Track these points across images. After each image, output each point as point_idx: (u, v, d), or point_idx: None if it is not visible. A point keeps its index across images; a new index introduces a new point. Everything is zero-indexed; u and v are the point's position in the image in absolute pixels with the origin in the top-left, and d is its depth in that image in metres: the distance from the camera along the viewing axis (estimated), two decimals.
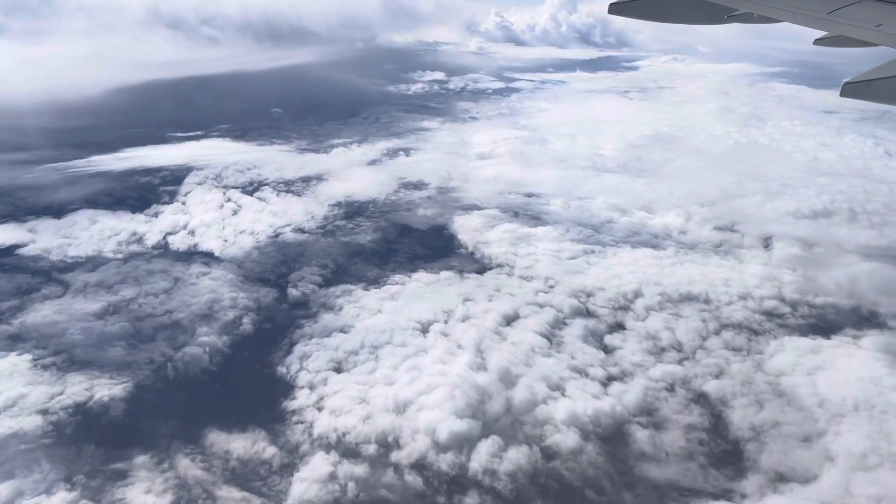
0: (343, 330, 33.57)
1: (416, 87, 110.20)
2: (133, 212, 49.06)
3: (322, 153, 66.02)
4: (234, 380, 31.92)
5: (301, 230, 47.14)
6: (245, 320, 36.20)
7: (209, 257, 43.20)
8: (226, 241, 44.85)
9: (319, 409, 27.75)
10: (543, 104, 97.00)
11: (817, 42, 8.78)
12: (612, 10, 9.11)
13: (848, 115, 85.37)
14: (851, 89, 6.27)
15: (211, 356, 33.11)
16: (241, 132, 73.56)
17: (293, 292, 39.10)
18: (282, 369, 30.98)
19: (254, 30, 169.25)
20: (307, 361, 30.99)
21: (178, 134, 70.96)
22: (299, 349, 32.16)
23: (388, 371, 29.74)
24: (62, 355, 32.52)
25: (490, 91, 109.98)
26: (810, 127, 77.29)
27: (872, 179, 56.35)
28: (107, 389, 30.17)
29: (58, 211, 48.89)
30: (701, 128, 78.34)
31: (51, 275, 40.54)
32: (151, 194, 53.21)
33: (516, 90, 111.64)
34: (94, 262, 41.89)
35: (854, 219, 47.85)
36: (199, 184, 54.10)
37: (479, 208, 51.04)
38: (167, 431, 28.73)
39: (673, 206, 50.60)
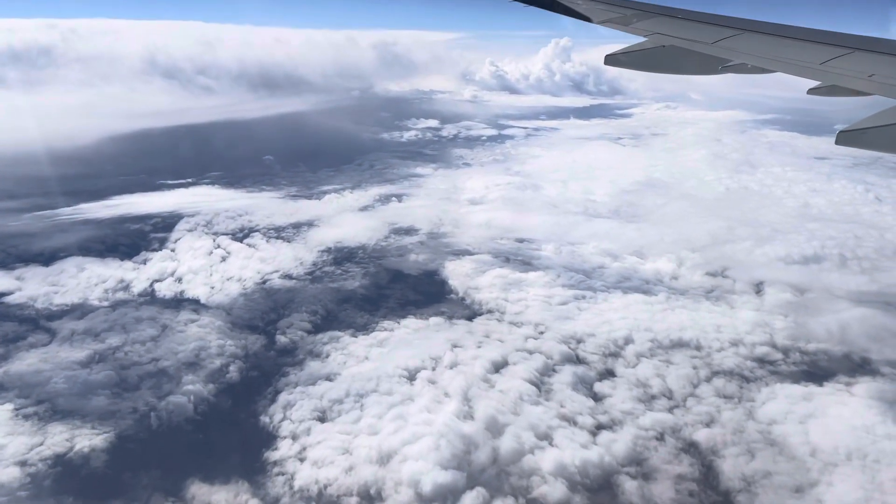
0: (329, 378, 33.15)
1: (409, 135, 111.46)
2: (122, 259, 48.86)
3: (314, 199, 66.31)
4: (219, 430, 31.37)
5: (289, 276, 46.97)
6: (232, 368, 35.79)
7: (197, 304, 42.95)
8: (212, 287, 44.63)
9: (301, 461, 27.20)
10: (537, 150, 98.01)
11: (811, 91, 8.91)
12: (608, 60, 9.36)
13: (840, 162, 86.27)
14: (847, 138, 6.37)
15: (196, 405, 32.61)
16: (233, 179, 73.91)
17: (281, 339, 38.77)
18: (265, 419, 30.50)
19: (249, 79, 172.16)
20: (291, 411, 30.50)
21: (169, 181, 71.25)
22: (283, 398, 31.68)
23: (373, 420, 29.24)
24: (44, 405, 32.01)
25: (484, 138, 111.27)
26: (801, 173, 77.99)
27: (863, 225, 56.56)
28: (88, 440, 29.62)
29: (47, 258, 48.76)
30: (692, 174, 78.99)
31: (38, 323, 40.23)
32: (141, 241, 53.14)
33: (510, 137, 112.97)
34: (82, 310, 41.61)
35: (844, 264, 47.86)
36: (190, 230, 54.15)
37: (470, 253, 51.05)
38: (148, 483, 28.11)
39: (664, 252, 50.63)
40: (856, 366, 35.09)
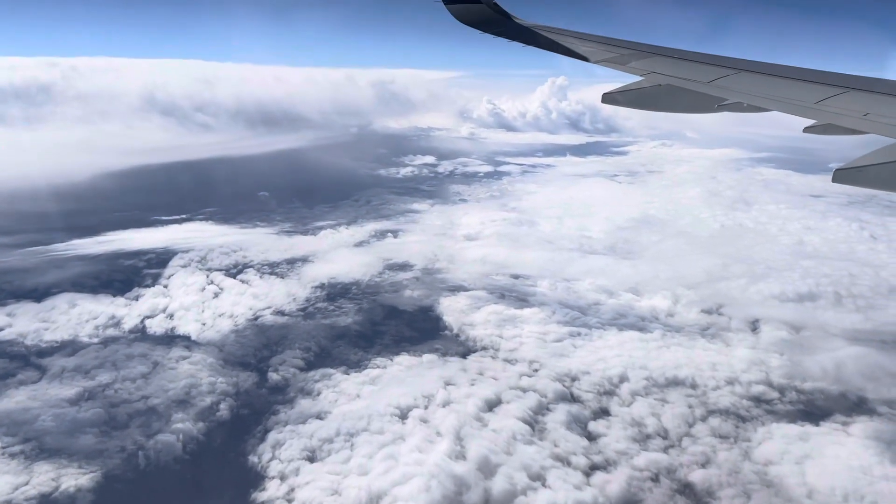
0: (319, 416, 32.75)
1: (405, 171, 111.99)
2: (114, 295, 48.63)
3: (309, 235, 66.28)
4: (207, 469, 30.91)
5: (281, 312, 46.69)
6: (222, 406, 35.39)
7: (189, 341, 42.60)
8: (203, 324, 44.32)
9: (289, 502, 26.75)
10: (533, 187, 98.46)
11: (807, 130, 8.97)
12: (606, 99, 9.54)
13: (835, 200, 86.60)
14: (843, 176, 6.43)
15: (184, 444, 32.18)
16: (228, 215, 73.88)
17: (273, 376, 38.43)
18: (254, 458, 30.06)
19: (247, 116, 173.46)
20: (280, 450, 30.06)
21: (163, 217, 71.25)
22: (273, 437, 31.25)
23: (363, 460, 28.79)
24: (31, 443, 31.60)
25: (481, 174, 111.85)
26: (796, 210, 78.27)
27: (857, 263, 56.57)
28: (74, 479, 29.15)
29: (39, 294, 48.52)
30: (688, 211, 79.25)
31: (28, 359, 39.91)
32: (135, 277, 52.93)
33: (506, 173, 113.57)
34: (73, 347, 41.29)
35: (840, 302, 47.74)
36: (184, 266, 53.95)
37: (465, 289, 50.89)
38: None
39: (660, 289, 50.53)
40: (852, 405, 34.79)
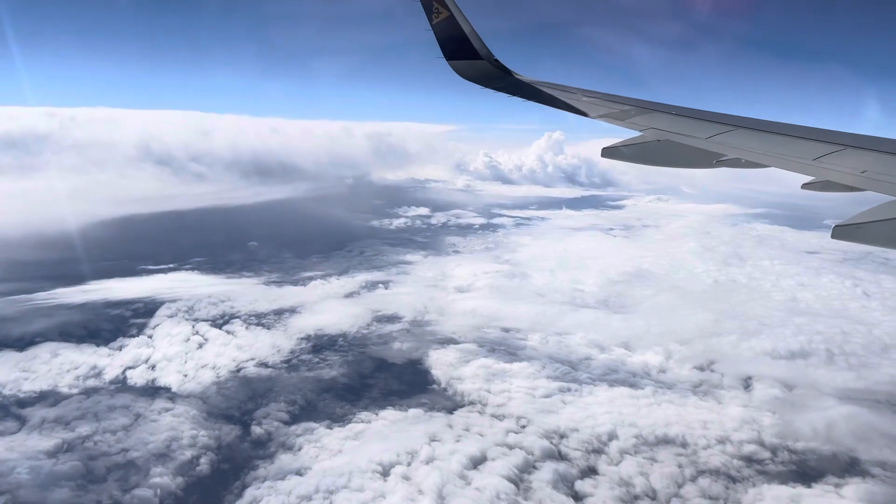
0: (299, 472, 32.03)
1: (398, 222, 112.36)
2: (98, 345, 48.12)
3: (300, 286, 65.97)
4: None
5: (265, 364, 46.08)
6: (202, 460, 34.72)
7: (171, 392, 41.94)
8: (185, 375, 43.66)
9: None
10: (527, 240, 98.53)
11: (805, 186, 8.91)
12: (605, 153, 9.63)
13: (829, 257, 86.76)
14: (842, 232, 6.43)
15: (162, 500, 31.47)
16: (217, 265, 73.70)
17: (257, 430, 37.78)
18: None
19: (242, 167, 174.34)
20: None
21: (150, 266, 71.08)
22: (250, 493, 30.54)
23: None
24: (4, 496, 30.83)
25: (476, 226, 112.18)
26: (790, 266, 78.21)
27: (850, 320, 56.25)
28: None
29: (22, 343, 48.05)
30: (682, 265, 79.20)
31: (9, 409, 39.25)
32: (121, 327, 52.48)
33: (501, 226, 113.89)
34: (55, 397, 40.67)
35: (832, 360, 47.27)
36: (171, 316, 53.49)
37: (455, 342, 50.45)
38: None
39: (653, 344, 50.17)
40: (845, 466, 34.18)
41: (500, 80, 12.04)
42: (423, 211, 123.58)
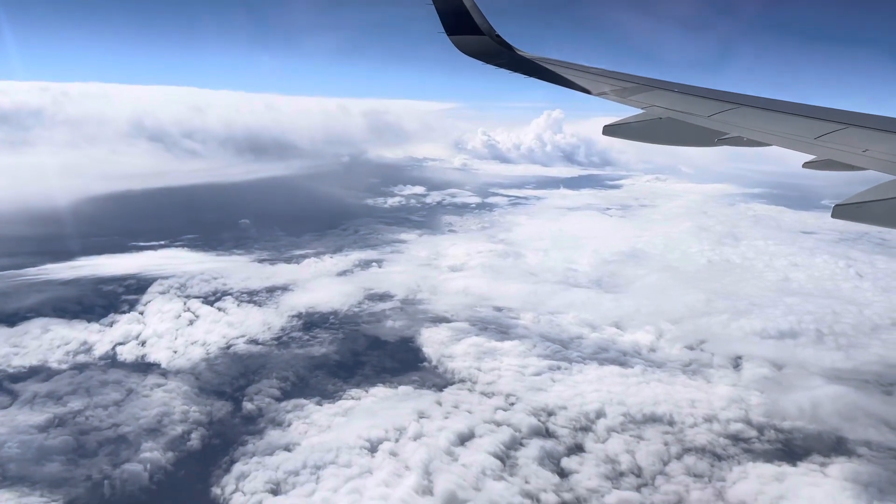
0: (287, 448, 32.24)
1: (392, 201, 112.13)
2: (89, 321, 48.27)
3: (293, 264, 66.00)
4: (173, 500, 30.38)
5: (255, 341, 46.27)
6: (193, 435, 34.92)
7: (161, 368, 42.12)
8: (175, 352, 43.86)
9: None
10: (522, 219, 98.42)
11: (806, 165, 9.05)
12: (606, 131, 9.66)
13: (825, 237, 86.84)
14: (842, 211, 6.50)
15: (152, 474, 31.68)
16: (209, 242, 73.45)
17: (248, 406, 38.00)
18: (216, 490, 29.56)
19: (236, 143, 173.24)
20: (244, 482, 29.55)
21: (140, 243, 70.97)
22: (238, 468, 30.73)
23: (328, 494, 28.28)
24: None
25: (473, 206, 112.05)
26: (784, 247, 78.27)
27: (842, 300, 56.40)
28: None
29: (14, 319, 48.15)
30: (676, 245, 79.16)
31: (1, 384, 39.45)
32: (113, 303, 52.64)
33: (497, 205, 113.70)
34: (47, 373, 40.87)
35: (821, 340, 47.46)
36: (163, 293, 53.60)
37: (448, 321, 50.60)
38: None
39: (644, 323, 50.30)
40: (831, 445, 34.38)
41: (502, 56, 11.97)
42: (419, 190, 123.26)
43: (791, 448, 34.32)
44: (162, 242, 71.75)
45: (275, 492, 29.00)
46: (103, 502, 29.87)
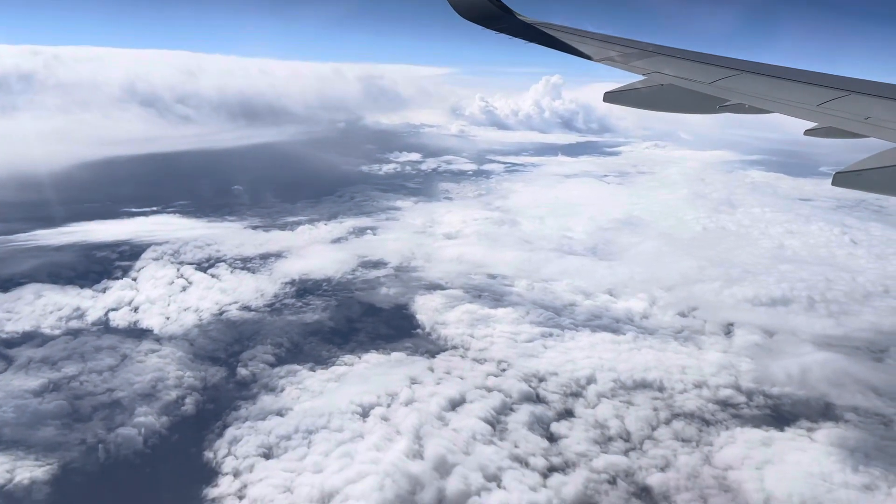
0: (280, 413, 32.55)
1: (388, 168, 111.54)
2: (82, 287, 48.38)
3: (287, 230, 65.93)
4: (166, 464, 30.71)
5: (248, 308, 46.45)
6: (188, 400, 35.21)
7: (154, 334, 42.34)
8: (168, 318, 44.09)
9: (240, 498, 26.58)
10: (519, 186, 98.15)
11: (807, 133, 9.04)
12: (607, 98, 9.52)
13: (822, 204, 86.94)
14: (843, 179, 6.50)
15: (146, 438, 31.98)
16: (201, 209, 73.30)
17: (242, 371, 38.25)
18: (209, 454, 29.90)
19: (229, 108, 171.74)
20: (236, 446, 29.87)
21: (132, 209, 70.81)
22: (231, 433, 31.05)
23: (319, 458, 28.64)
24: None
25: (470, 173, 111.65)
26: (780, 214, 78.24)
27: (835, 267, 56.55)
28: (28, 472, 28.96)
29: (7, 284, 48.22)
30: (672, 213, 79.15)
31: None
32: (107, 269, 52.66)
33: (494, 172, 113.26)
34: (42, 338, 41.06)
35: (812, 307, 47.68)
36: (156, 259, 53.69)
37: (442, 288, 50.73)
38: None
39: (638, 291, 50.47)
40: (819, 411, 34.73)
41: (501, 20, 11.75)
42: (415, 156, 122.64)
43: (779, 413, 34.68)
44: (154, 208, 71.63)
45: (267, 456, 29.34)
46: (97, 466, 30.19)
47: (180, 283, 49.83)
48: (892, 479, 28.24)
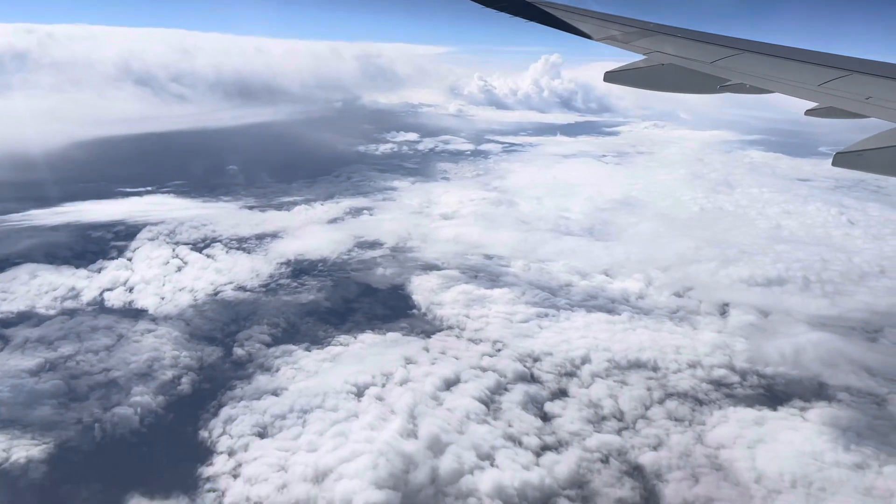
0: (275, 392, 32.68)
1: (385, 148, 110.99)
2: (77, 267, 48.39)
3: (284, 211, 65.81)
4: (163, 443, 30.88)
5: (243, 288, 46.48)
6: (184, 380, 35.35)
7: (149, 314, 42.38)
8: (163, 298, 44.14)
9: (235, 477, 26.77)
10: (517, 166, 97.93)
11: (808, 113, 9.05)
12: (608, 77, 9.47)
13: (821, 184, 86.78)
14: (843, 159, 6.48)
15: (142, 417, 32.15)
16: (196, 189, 73.05)
17: (238, 351, 38.36)
18: (204, 433, 30.07)
19: (225, 88, 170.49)
20: (231, 425, 30.02)
21: (127, 189, 70.57)
22: (226, 412, 31.19)
23: (314, 437, 28.80)
24: None
25: (467, 152, 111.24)
26: (778, 194, 78.17)
27: (831, 248, 56.56)
28: (25, 451, 29.12)
29: (1, 265, 48.11)
30: (670, 193, 79.04)
31: None
32: (102, 249, 52.61)
33: (492, 152, 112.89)
34: (38, 318, 41.12)
35: (808, 287, 47.75)
36: (152, 239, 53.66)
37: (438, 268, 50.76)
38: (88, 496, 27.70)
39: (634, 271, 50.51)
40: (812, 391, 34.88)
41: None
42: (413, 136, 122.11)
43: (772, 393, 34.83)
44: (148, 188, 71.47)
45: (261, 435, 29.51)
46: (94, 445, 30.37)
47: (176, 263, 49.80)
48: (883, 457, 28.40)
